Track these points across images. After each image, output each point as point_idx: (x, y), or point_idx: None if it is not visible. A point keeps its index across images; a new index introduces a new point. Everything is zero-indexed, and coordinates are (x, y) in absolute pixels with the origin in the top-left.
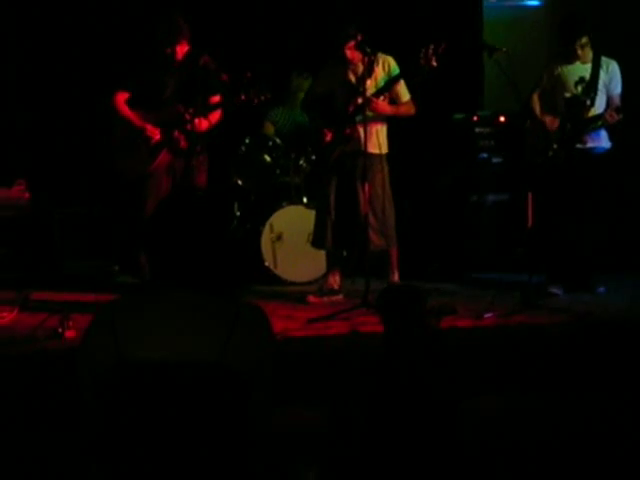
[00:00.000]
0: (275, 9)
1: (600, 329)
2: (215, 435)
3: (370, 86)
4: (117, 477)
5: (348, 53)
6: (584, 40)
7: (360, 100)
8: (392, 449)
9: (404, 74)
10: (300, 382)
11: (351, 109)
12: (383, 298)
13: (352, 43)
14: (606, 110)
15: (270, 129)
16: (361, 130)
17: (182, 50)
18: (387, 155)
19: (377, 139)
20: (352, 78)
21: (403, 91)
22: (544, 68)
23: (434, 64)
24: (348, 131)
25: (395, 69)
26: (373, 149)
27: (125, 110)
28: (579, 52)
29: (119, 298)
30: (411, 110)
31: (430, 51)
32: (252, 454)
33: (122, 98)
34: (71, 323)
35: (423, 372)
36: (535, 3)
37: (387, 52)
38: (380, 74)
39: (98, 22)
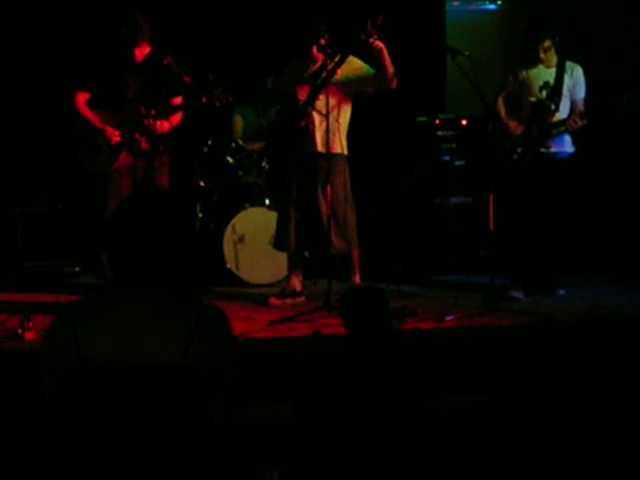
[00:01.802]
0: (241, 10)
1: (562, 331)
2: (176, 436)
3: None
4: (77, 476)
5: (314, 51)
6: (547, 44)
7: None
8: (357, 448)
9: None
10: (261, 383)
11: (302, 97)
12: (345, 300)
13: (321, 41)
14: (570, 115)
15: (239, 122)
16: (317, 131)
17: (143, 51)
18: (350, 157)
19: (339, 139)
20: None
21: (366, 69)
22: (508, 71)
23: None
24: (302, 123)
25: (363, 66)
26: (335, 149)
27: (85, 111)
28: (542, 56)
29: (80, 298)
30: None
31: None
32: (215, 455)
33: (82, 98)
34: (31, 324)
35: (385, 373)
36: (493, 7)
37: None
38: (339, 74)
39: (61, 21)
